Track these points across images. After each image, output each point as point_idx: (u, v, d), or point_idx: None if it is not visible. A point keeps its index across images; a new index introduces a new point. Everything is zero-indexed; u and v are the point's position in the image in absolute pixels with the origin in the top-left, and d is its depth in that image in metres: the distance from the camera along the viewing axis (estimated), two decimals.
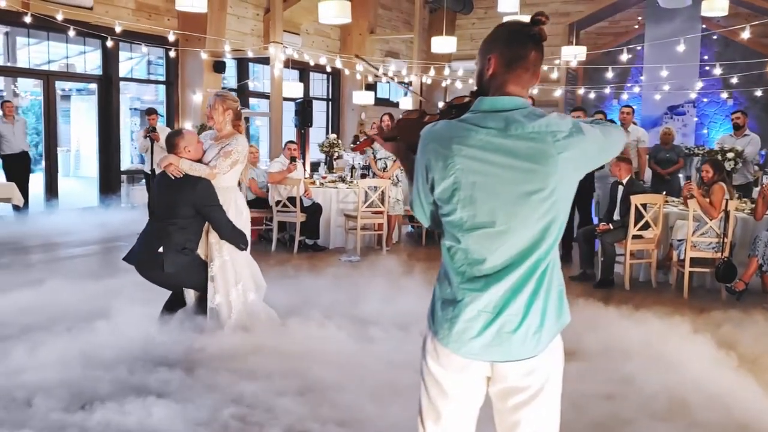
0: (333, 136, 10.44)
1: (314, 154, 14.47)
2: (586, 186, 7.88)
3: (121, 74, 12.30)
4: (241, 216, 4.77)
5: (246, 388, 4.02)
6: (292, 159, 8.35)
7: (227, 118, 4.74)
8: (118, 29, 9.30)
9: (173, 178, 4.55)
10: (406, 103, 16.47)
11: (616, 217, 7.15)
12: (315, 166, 13.66)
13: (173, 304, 4.84)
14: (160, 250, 4.53)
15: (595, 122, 1.96)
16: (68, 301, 5.72)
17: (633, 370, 4.43)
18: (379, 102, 18.13)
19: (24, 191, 9.82)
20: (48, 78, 10.76)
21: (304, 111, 14.07)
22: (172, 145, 4.60)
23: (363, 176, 9.40)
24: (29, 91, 16.55)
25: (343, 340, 4.84)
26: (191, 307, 4.81)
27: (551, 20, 2.02)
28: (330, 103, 16.71)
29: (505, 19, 2.77)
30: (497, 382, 1.94)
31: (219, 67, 12.19)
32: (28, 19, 8.53)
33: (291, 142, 8.72)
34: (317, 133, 16.03)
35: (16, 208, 9.50)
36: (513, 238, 1.84)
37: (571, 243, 8.06)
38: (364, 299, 5.97)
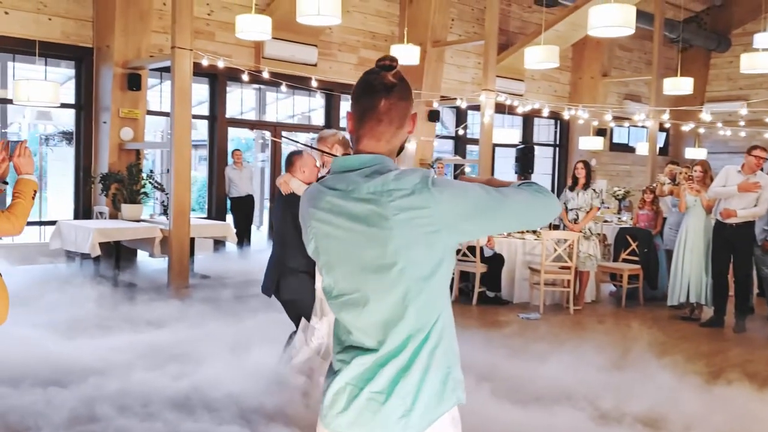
0: None
1: None
2: None
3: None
4: None
5: None
6: None
7: (339, 152, 4.68)
8: (314, 83, 9.93)
9: (283, 196, 4.65)
10: (643, 147, 15.30)
11: None
12: None
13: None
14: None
15: (523, 184, 1.74)
16: (244, 332, 6.13)
17: None
18: (615, 148, 17.12)
19: (248, 230, 10.86)
20: (275, 129, 11.87)
21: (524, 157, 13.77)
22: (289, 163, 4.71)
23: (555, 227, 8.85)
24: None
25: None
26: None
27: None
28: (557, 149, 16.13)
29: None
30: None
31: (433, 116, 12.43)
32: (245, 77, 9.49)
33: None
34: (542, 179, 15.56)
35: (239, 245, 10.51)
36: (370, 308, 1.67)
37: None
38: (508, 362, 5.57)
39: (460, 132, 13.80)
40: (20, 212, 3.05)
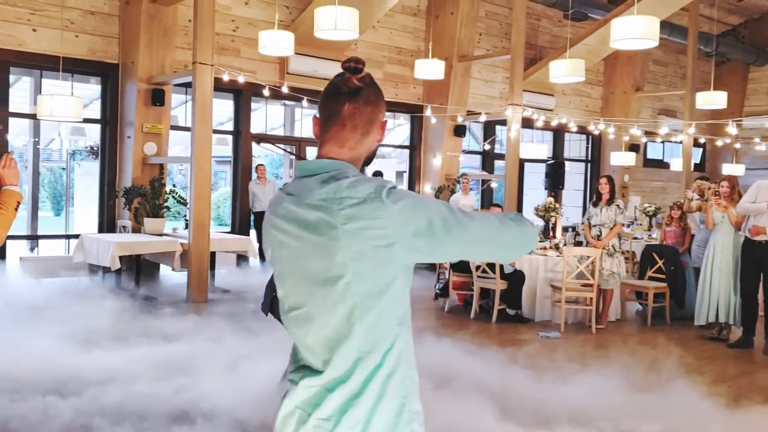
0: (550, 199, 9.80)
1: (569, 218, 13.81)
2: None
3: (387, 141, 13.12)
4: None
5: None
6: None
7: None
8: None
9: None
10: (677, 163, 14.95)
11: None
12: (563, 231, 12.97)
13: None
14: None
15: (506, 215, 1.64)
16: (259, 346, 6.09)
17: None
18: (649, 164, 16.78)
19: None
20: (300, 144, 11.91)
21: (554, 173, 13.55)
22: None
23: (578, 243, 8.63)
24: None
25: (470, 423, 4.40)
26: None
27: None
28: (589, 164, 15.85)
29: None
30: None
31: (459, 131, 12.32)
32: (266, 92, 9.51)
33: (496, 205, 8.37)
34: (572, 195, 15.31)
35: (261, 259, 10.50)
36: (317, 324, 1.57)
37: None
38: (524, 381, 5.41)
39: (487, 147, 13.66)
40: (2, 223, 3.05)
